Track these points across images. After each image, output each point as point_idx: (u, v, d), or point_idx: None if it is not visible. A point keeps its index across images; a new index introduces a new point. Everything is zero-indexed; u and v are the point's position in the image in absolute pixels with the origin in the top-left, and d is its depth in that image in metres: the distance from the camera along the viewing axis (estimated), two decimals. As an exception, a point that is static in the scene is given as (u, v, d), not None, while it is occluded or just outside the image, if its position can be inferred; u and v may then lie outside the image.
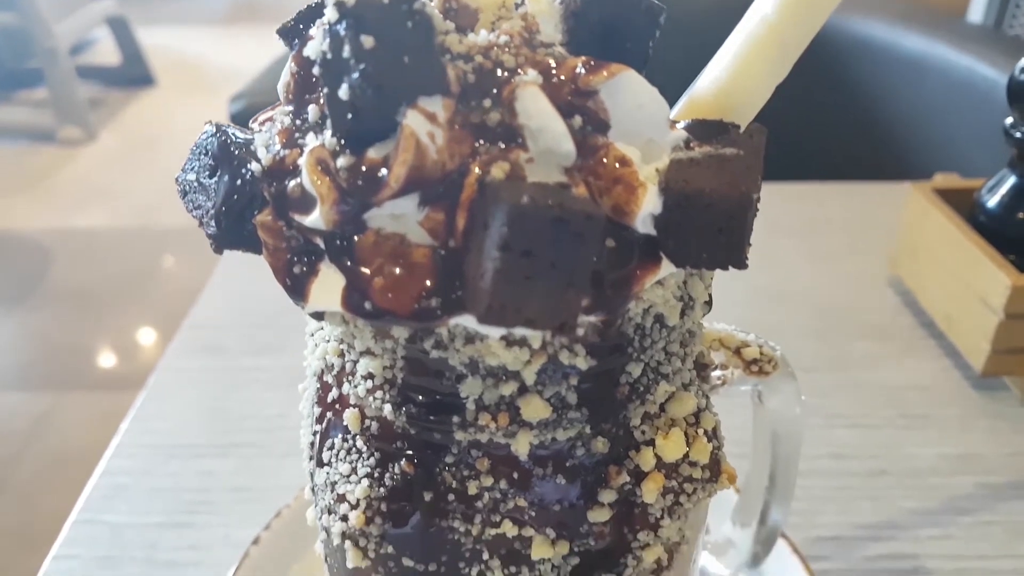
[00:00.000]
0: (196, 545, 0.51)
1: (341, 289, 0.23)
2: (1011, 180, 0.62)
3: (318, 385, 0.30)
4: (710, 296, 0.28)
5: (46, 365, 2.11)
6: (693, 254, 0.23)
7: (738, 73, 0.25)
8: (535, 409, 0.25)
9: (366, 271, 0.23)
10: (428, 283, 0.22)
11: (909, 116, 1.23)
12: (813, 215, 0.87)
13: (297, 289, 0.24)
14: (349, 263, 0.23)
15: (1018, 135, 0.59)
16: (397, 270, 0.22)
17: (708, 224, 0.23)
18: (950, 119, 1.17)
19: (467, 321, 0.22)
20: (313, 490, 0.29)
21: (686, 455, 0.27)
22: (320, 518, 0.29)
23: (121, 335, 2.18)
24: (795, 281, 0.76)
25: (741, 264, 0.24)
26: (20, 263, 2.56)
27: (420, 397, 0.25)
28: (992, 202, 0.63)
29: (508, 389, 0.24)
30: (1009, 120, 0.60)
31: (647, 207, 0.23)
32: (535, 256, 0.20)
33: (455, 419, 0.25)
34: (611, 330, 0.24)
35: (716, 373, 0.32)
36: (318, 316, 0.25)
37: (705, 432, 0.28)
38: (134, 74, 3.65)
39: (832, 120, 1.32)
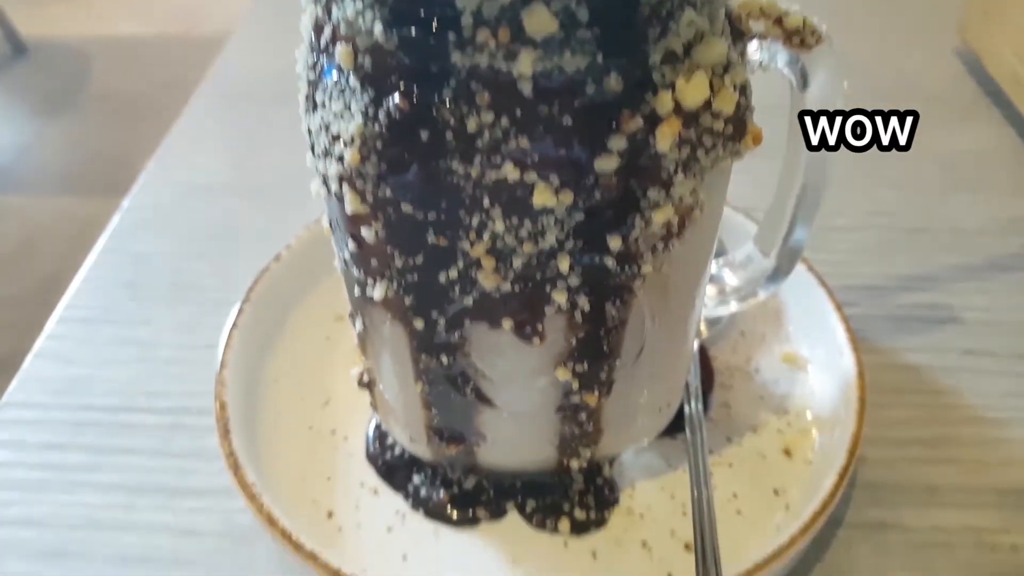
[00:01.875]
0: (218, 272, 0.52)
1: None
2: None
3: (311, 35, 0.28)
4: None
5: (91, 172, 2.14)
6: None
7: None
8: (540, 21, 0.22)
9: None
10: None
11: None
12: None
13: None
14: None
15: None
16: None
17: None
18: None
19: None
20: (311, 142, 0.28)
21: (708, 103, 0.25)
22: (317, 169, 0.28)
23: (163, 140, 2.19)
24: (859, 50, 0.71)
25: None
26: (63, 71, 2.54)
27: (413, 12, 0.23)
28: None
29: (510, -5, 0.22)
30: None
31: None
32: None
33: (451, 37, 0.23)
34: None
35: (753, 45, 0.30)
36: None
37: (734, 83, 0.26)
38: None
39: None
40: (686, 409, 0.40)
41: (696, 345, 0.44)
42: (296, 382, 0.44)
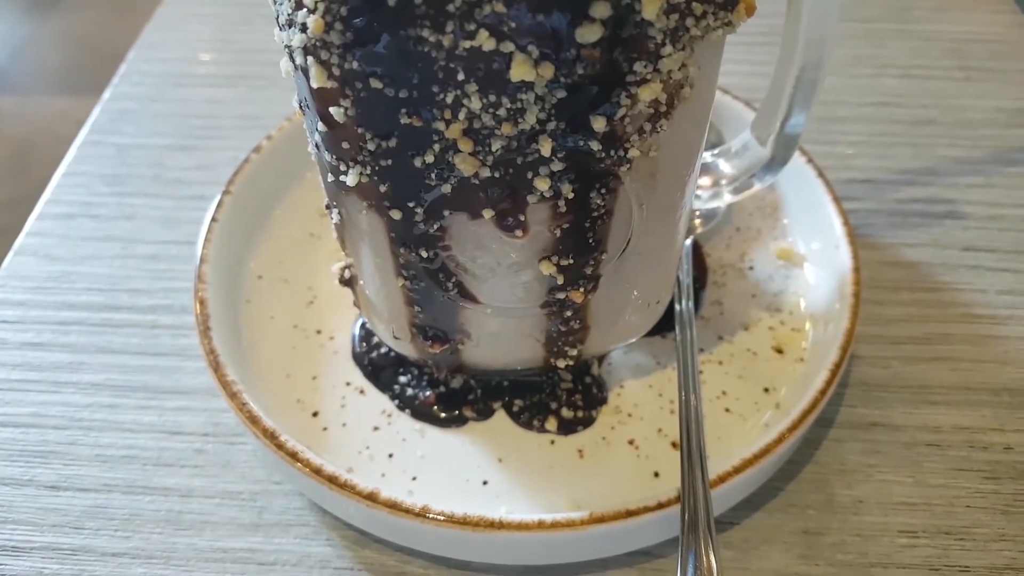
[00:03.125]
0: (203, 165, 0.51)
1: None
2: None
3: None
4: None
5: (85, 68, 2.08)
6: None
7: None
8: None
9: None
10: None
11: None
12: None
13: None
14: None
15: None
16: None
17: None
18: None
19: None
20: (275, 11, 0.26)
21: (699, -33, 0.23)
22: (282, 41, 0.26)
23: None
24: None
25: None
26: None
27: None
28: None
29: None
30: None
31: None
32: None
33: None
34: None
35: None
36: None
37: (724, -55, 0.24)
38: None
39: None
40: (676, 307, 0.40)
41: (689, 241, 0.43)
42: (280, 279, 0.43)
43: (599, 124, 0.25)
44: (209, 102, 0.55)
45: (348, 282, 0.37)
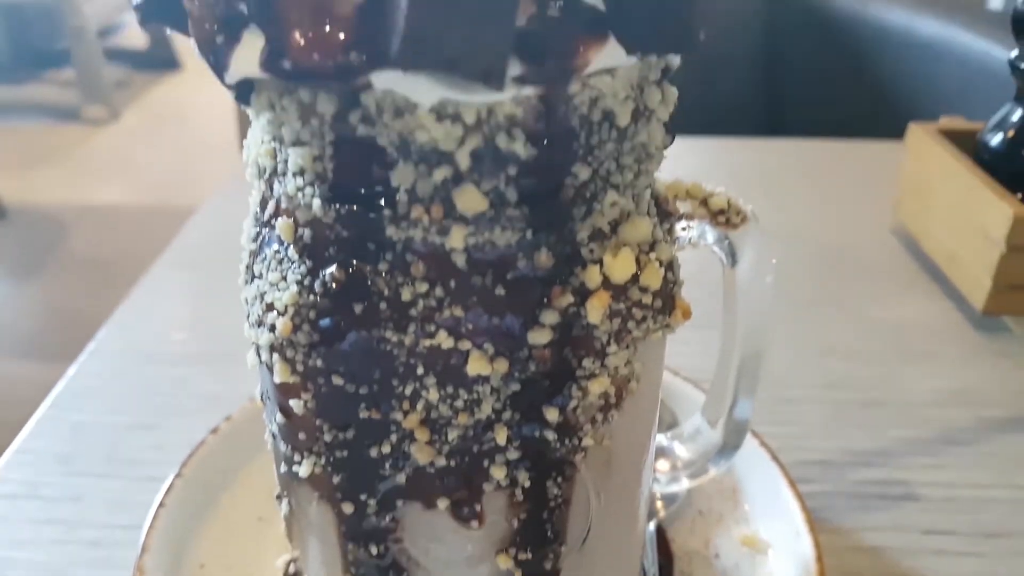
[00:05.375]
0: (160, 445, 0.50)
1: (260, 50, 0.22)
2: (1017, 113, 0.59)
3: (257, 209, 0.28)
4: (670, 127, 0.27)
5: (57, 335, 2.12)
6: (642, 30, 0.22)
7: None
8: (470, 200, 0.23)
9: (286, 27, 0.21)
10: (349, 35, 0.20)
11: (925, 96, 1.21)
12: (823, 167, 0.86)
13: (219, 60, 0.23)
14: (269, 21, 0.21)
15: (1023, 66, 0.57)
16: (317, 23, 0.21)
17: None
18: (966, 101, 1.15)
19: (392, 80, 0.21)
20: (247, 312, 0.28)
21: (636, 278, 0.26)
22: (250, 339, 0.28)
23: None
24: (800, 224, 0.74)
25: (692, 46, 0.22)
26: (38, 235, 2.58)
27: (350, 189, 0.24)
28: (996, 140, 0.61)
29: (441, 175, 0.23)
30: (1015, 52, 0.58)
31: (593, -27, 0.21)
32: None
33: (387, 212, 0.24)
34: (554, 114, 0.23)
35: (682, 224, 0.31)
36: (244, 98, 0.24)
37: (659, 260, 0.26)
38: (160, 57, 3.68)
39: (848, 97, 1.30)
40: (642, 596, 0.38)
41: (653, 525, 0.43)
42: (224, 567, 0.41)
43: (552, 415, 0.26)
44: (174, 380, 0.56)
45: None
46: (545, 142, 0.23)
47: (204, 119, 3.16)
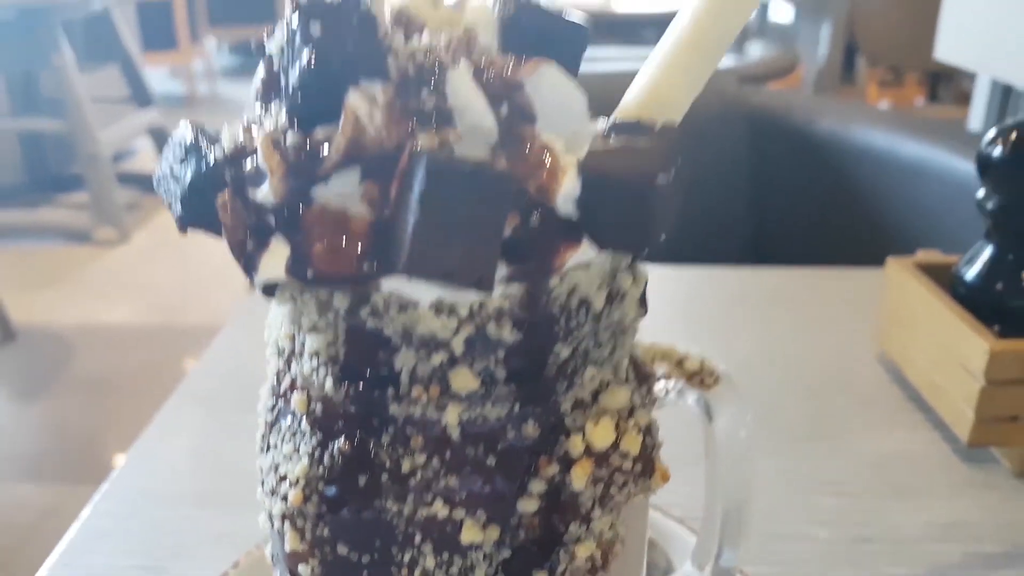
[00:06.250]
0: (168, 588, 0.51)
1: (286, 258, 0.25)
2: (988, 251, 0.63)
3: (274, 382, 0.31)
4: (644, 299, 0.30)
5: (59, 456, 2.12)
6: (610, 234, 0.25)
7: (657, 82, 0.27)
8: (464, 380, 0.26)
9: (308, 239, 0.25)
10: (362, 248, 0.24)
11: (907, 221, 1.26)
12: (808, 295, 0.89)
13: (249, 263, 0.26)
14: (294, 233, 0.25)
15: (990, 206, 0.61)
16: (336, 238, 0.24)
17: (620, 205, 0.25)
18: (948, 223, 1.20)
19: (398, 284, 0.24)
20: (261, 479, 0.30)
21: (616, 444, 0.28)
22: (263, 504, 0.30)
23: (136, 429, 2.20)
24: (785, 354, 0.77)
25: (654, 246, 0.26)
26: (46, 356, 2.61)
27: (359, 371, 0.27)
28: (970, 274, 0.64)
29: (438, 359, 0.26)
30: (981, 192, 0.62)
31: (567, 189, 0.25)
32: (450, 208, 0.22)
33: (390, 391, 0.26)
34: (537, 305, 0.26)
35: (660, 384, 0.33)
36: (269, 292, 0.27)
37: (638, 426, 0.29)
38: (171, 181, 3.81)
39: (832, 222, 1.35)
40: None
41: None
42: None
43: (542, 578, 0.28)
44: (184, 520, 0.57)
45: None
46: (529, 328, 0.26)
47: (212, 240, 3.25)
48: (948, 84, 3.71)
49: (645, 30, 3.22)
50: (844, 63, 3.65)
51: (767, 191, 1.44)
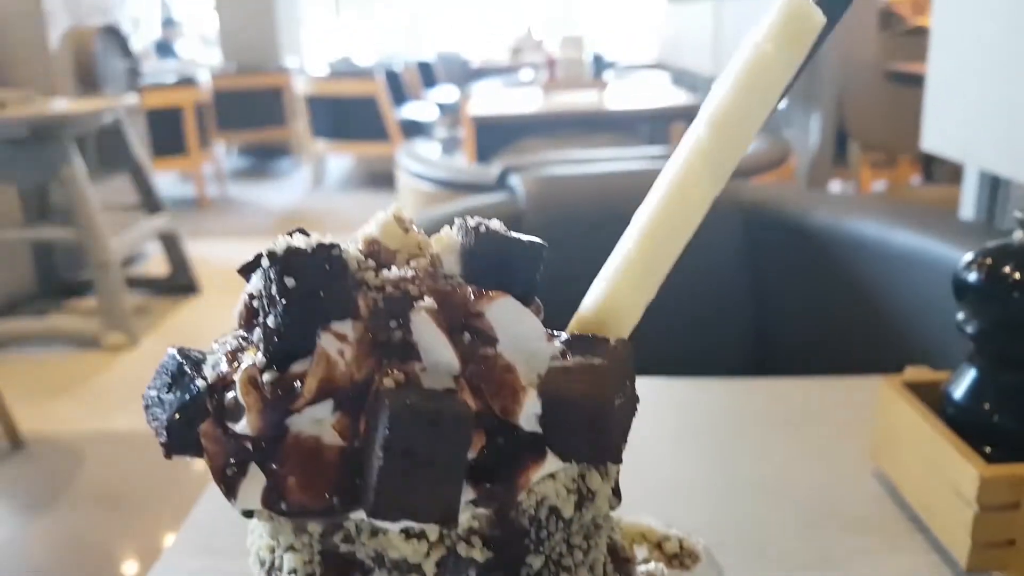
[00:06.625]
0: None
1: (263, 489, 0.26)
2: (972, 373, 0.64)
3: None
4: (616, 489, 0.31)
5: (71, 570, 2.09)
6: (572, 449, 0.27)
7: (610, 296, 0.29)
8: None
9: (283, 471, 0.26)
10: (333, 482, 0.25)
11: (902, 309, 1.27)
12: (799, 408, 0.89)
13: (230, 489, 0.27)
14: (270, 464, 0.26)
15: (970, 330, 0.62)
16: (309, 469, 0.26)
17: (579, 423, 0.26)
18: (942, 312, 1.21)
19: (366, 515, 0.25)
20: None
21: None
22: None
23: (148, 539, 2.17)
24: (780, 473, 0.77)
25: (614, 458, 0.27)
26: (54, 465, 2.61)
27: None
28: (958, 394, 0.65)
29: (412, 580, 0.27)
30: (960, 315, 0.63)
31: (529, 408, 0.26)
32: (413, 455, 0.23)
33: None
34: (506, 521, 0.27)
35: (641, 568, 0.34)
36: (248, 514, 0.29)
37: (616, 625, 0.30)
38: (180, 284, 3.88)
39: (827, 314, 1.36)
40: None
41: None
42: None
43: None
44: None
45: None
46: (500, 544, 0.27)
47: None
48: (943, 163, 3.78)
49: (637, 125, 3.31)
50: (836, 147, 3.73)
51: (763, 284, 1.45)
